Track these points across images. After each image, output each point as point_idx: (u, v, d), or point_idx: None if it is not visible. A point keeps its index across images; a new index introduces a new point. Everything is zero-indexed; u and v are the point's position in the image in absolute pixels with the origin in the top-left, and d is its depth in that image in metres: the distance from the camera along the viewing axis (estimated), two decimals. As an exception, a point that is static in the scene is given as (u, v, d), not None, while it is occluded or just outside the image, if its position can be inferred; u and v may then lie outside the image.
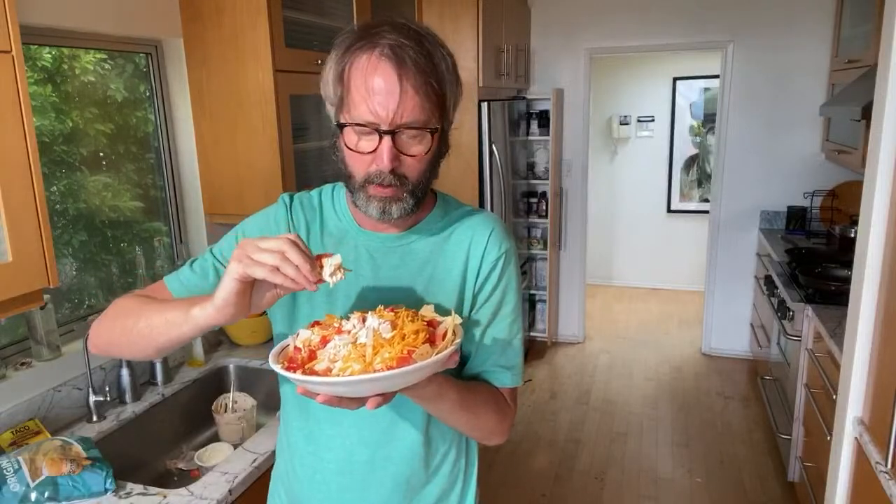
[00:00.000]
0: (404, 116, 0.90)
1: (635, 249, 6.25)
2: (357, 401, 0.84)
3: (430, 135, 0.94)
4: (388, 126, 0.90)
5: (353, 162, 0.96)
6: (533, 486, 3.10)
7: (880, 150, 1.50)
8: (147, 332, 0.94)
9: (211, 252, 1.09)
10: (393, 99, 0.89)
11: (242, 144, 2.08)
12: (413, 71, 0.89)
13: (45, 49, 1.80)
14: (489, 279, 1.05)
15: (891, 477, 1.38)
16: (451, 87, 0.96)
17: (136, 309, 0.98)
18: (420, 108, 0.91)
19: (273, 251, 0.82)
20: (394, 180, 0.93)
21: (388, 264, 1.05)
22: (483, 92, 3.54)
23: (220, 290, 0.85)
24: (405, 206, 0.97)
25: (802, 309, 2.77)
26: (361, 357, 0.80)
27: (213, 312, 0.86)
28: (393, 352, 0.80)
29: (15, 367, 1.68)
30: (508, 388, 1.10)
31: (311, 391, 0.82)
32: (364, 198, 0.96)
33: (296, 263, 0.82)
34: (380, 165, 0.92)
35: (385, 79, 0.89)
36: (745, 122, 4.21)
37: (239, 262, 0.83)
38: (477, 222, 1.07)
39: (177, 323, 0.90)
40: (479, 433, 1.09)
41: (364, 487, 1.08)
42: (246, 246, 0.83)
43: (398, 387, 0.83)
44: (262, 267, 0.82)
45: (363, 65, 0.90)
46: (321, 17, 2.31)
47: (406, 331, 0.83)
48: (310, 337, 0.88)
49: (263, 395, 2.05)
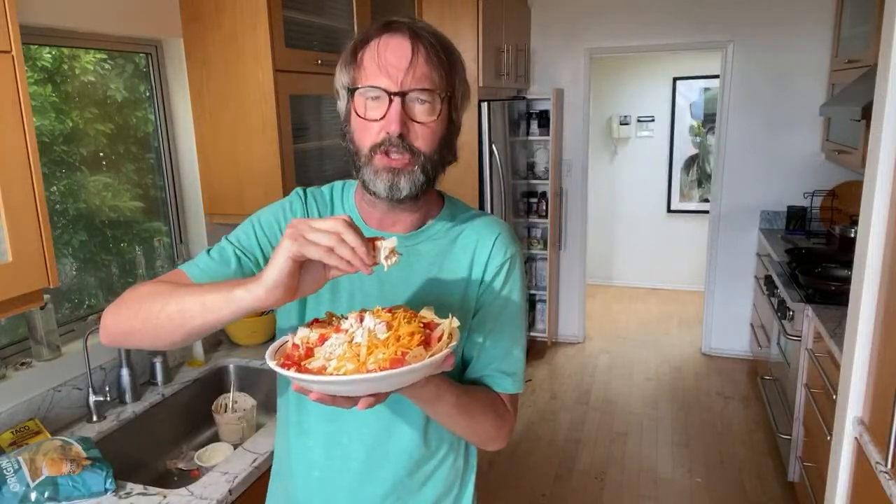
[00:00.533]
0: (414, 82, 0.91)
1: (635, 249, 6.25)
2: (350, 400, 0.83)
3: (440, 100, 0.93)
4: (398, 88, 0.90)
5: (360, 132, 0.95)
6: (533, 486, 3.11)
7: (880, 150, 1.50)
8: (178, 317, 0.89)
9: (227, 240, 1.06)
10: (405, 60, 0.90)
11: (242, 144, 2.08)
12: (428, 43, 0.92)
13: (45, 49, 1.80)
14: (493, 283, 1.05)
15: (891, 477, 1.38)
16: (461, 84, 0.98)
17: (162, 293, 0.92)
18: (431, 75, 0.92)
19: (329, 231, 0.79)
20: (403, 147, 0.92)
21: (393, 266, 1.04)
22: (483, 92, 3.54)
23: (270, 270, 0.81)
24: (415, 180, 0.94)
25: (802, 309, 2.77)
26: (355, 357, 0.80)
27: (262, 293, 0.81)
28: (387, 353, 0.79)
29: (15, 367, 1.68)
30: (509, 394, 1.09)
31: (304, 388, 0.82)
32: (371, 172, 0.94)
33: (352, 245, 0.79)
34: (388, 129, 0.91)
35: (399, 45, 0.91)
36: (745, 122, 4.21)
37: (294, 240, 0.79)
38: (483, 226, 1.07)
39: (215, 306, 0.85)
40: (478, 438, 1.08)
41: (360, 487, 1.08)
42: (299, 225, 0.80)
43: (391, 388, 0.83)
44: (318, 247, 0.78)
45: (376, 42, 0.93)
46: (321, 17, 2.31)
47: (401, 332, 0.83)
48: (308, 335, 0.87)
49: (263, 395, 2.05)
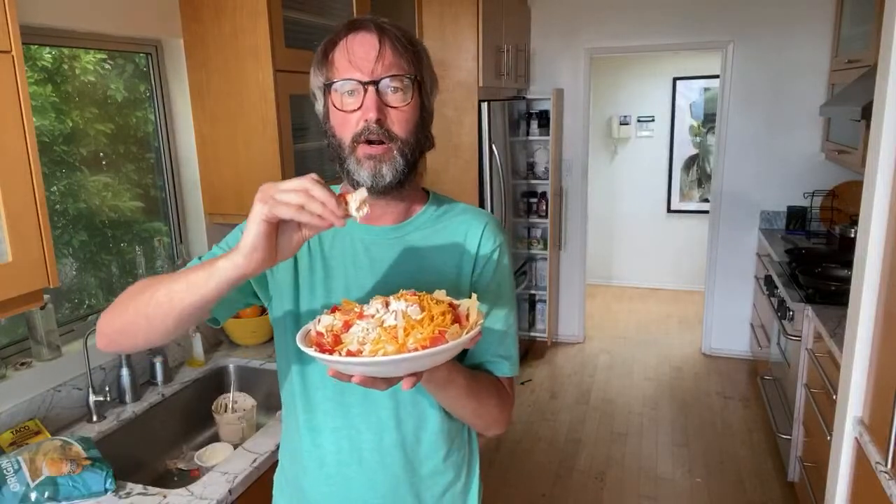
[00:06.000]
0: (385, 68, 0.95)
1: (635, 249, 6.25)
2: (388, 381, 0.86)
3: (412, 84, 0.98)
4: (371, 77, 0.95)
5: (340, 126, 0.99)
6: (533, 486, 3.11)
7: (880, 150, 1.50)
8: (166, 301, 0.90)
9: (217, 246, 1.10)
10: (373, 51, 0.95)
11: (242, 144, 2.08)
12: (393, 35, 0.97)
13: (45, 49, 1.80)
14: (485, 271, 1.08)
15: (891, 477, 1.38)
16: (429, 72, 1.03)
17: (150, 285, 0.94)
18: (399, 63, 0.97)
19: (297, 190, 0.80)
20: (382, 134, 0.96)
21: (384, 256, 1.06)
22: (483, 92, 3.54)
23: (245, 236, 0.83)
24: (396, 166, 0.98)
25: (802, 309, 2.77)
26: (394, 338, 0.82)
27: (241, 260, 0.83)
28: (425, 332, 0.82)
29: (15, 367, 1.68)
30: (507, 377, 1.13)
31: (345, 373, 0.83)
32: (354, 162, 0.98)
33: (321, 200, 0.80)
34: (365, 116, 0.95)
35: (366, 39, 0.96)
36: (745, 122, 4.21)
37: (264, 203, 0.81)
38: (471, 217, 1.10)
39: (200, 282, 0.86)
40: (483, 421, 1.10)
41: (370, 478, 1.09)
42: (268, 188, 0.82)
43: (432, 365, 0.85)
44: (288, 206, 0.80)
45: (345, 40, 0.98)
46: (321, 17, 2.31)
47: (434, 312, 0.85)
48: (332, 322, 0.88)
49: (263, 395, 2.05)
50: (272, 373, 2.08)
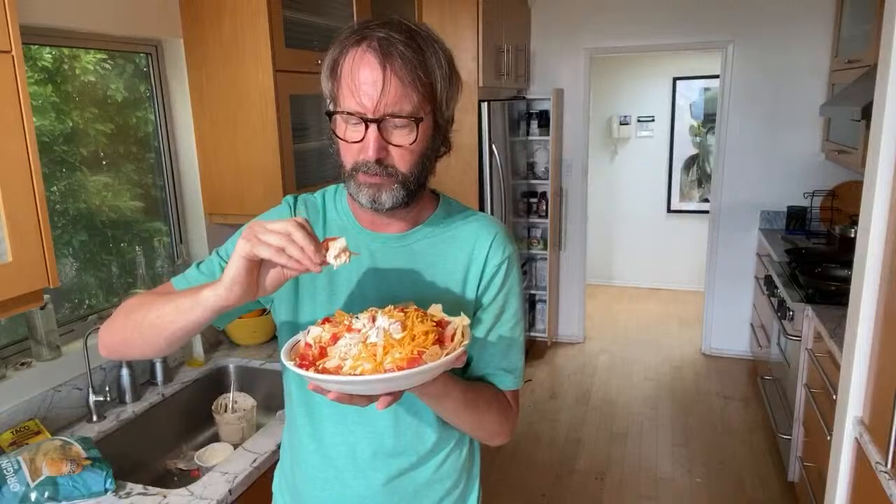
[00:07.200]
0: (389, 106, 0.91)
1: (635, 249, 6.25)
2: (367, 398, 0.86)
3: (416, 125, 0.94)
4: (373, 115, 0.91)
5: (343, 151, 0.98)
6: (533, 486, 3.11)
7: (880, 150, 1.50)
8: (157, 322, 0.94)
9: (217, 253, 1.10)
10: (377, 89, 0.90)
11: (242, 144, 2.08)
12: (399, 63, 0.91)
13: (45, 49, 1.80)
14: (492, 283, 1.06)
15: (891, 477, 1.38)
16: (444, 83, 0.96)
17: (145, 303, 0.98)
18: (406, 98, 0.92)
19: (279, 233, 0.83)
20: (380, 170, 0.95)
21: (390, 264, 1.05)
22: (483, 92, 3.54)
23: (228, 269, 0.86)
24: (395, 195, 0.97)
25: (802, 309, 2.77)
26: (372, 357, 0.82)
27: (223, 292, 0.87)
28: (403, 352, 0.81)
29: (15, 367, 1.68)
30: (511, 390, 1.11)
31: (322, 388, 0.84)
32: (354, 186, 0.98)
33: (300, 245, 0.83)
34: (365, 156, 0.94)
35: (370, 69, 0.91)
36: (745, 122, 4.21)
37: (247, 241, 0.84)
38: (480, 226, 1.08)
39: (186, 308, 0.91)
40: (483, 433, 1.10)
41: (369, 484, 1.09)
42: (254, 226, 0.85)
43: (408, 387, 0.85)
44: (268, 247, 0.83)
45: (351, 58, 0.93)
46: (321, 17, 2.31)
47: (416, 331, 0.85)
48: (321, 334, 0.89)
49: (263, 395, 2.05)
50: (272, 373, 2.08)
